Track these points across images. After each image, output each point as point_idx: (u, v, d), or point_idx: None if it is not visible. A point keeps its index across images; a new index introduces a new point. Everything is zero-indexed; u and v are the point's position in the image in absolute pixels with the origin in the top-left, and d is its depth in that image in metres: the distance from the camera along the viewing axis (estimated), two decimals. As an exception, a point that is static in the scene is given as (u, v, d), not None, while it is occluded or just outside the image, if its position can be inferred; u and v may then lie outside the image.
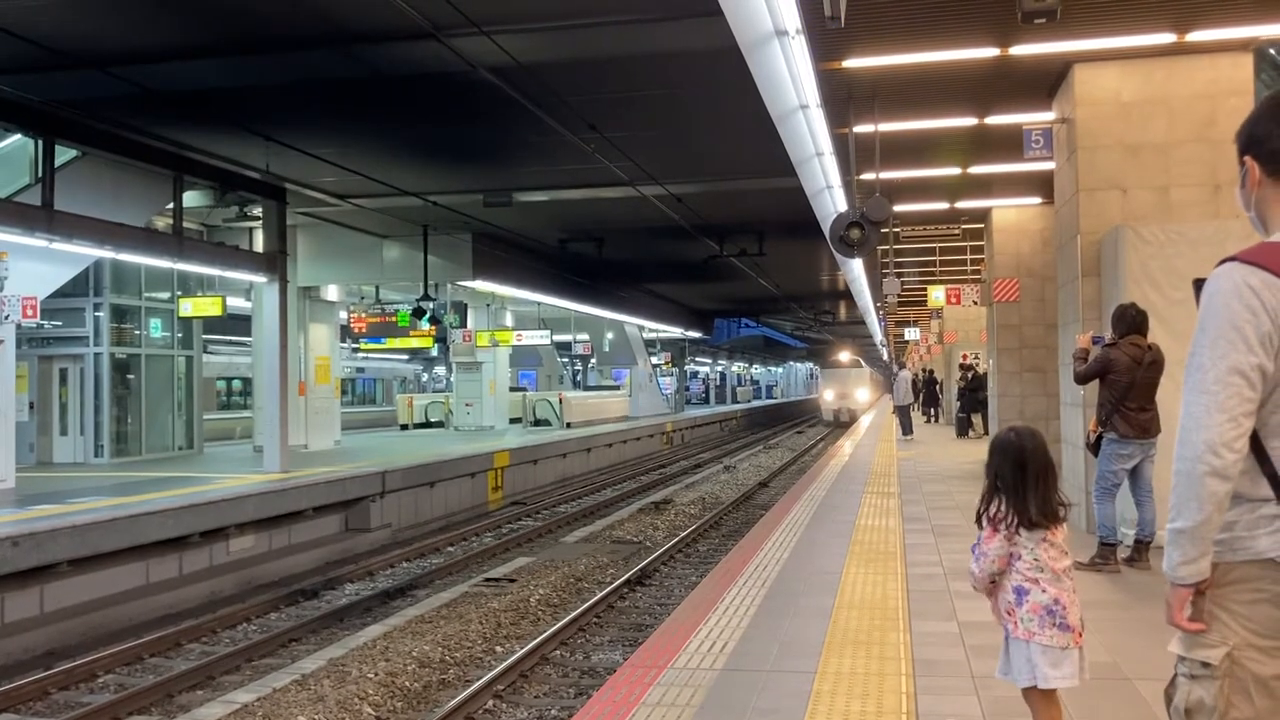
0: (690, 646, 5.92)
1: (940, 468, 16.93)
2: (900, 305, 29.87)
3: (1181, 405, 2.31)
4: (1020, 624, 3.60)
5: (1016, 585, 3.62)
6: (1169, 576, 2.34)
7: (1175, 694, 2.40)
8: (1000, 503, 3.65)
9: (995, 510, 3.65)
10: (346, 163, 16.05)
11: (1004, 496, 3.64)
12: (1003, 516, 3.62)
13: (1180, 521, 2.29)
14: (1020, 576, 3.62)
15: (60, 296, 17.14)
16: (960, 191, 15.94)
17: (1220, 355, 2.23)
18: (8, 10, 10.08)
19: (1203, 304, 2.32)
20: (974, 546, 3.70)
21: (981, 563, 3.65)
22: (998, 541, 3.62)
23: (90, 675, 9.81)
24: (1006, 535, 3.62)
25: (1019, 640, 3.61)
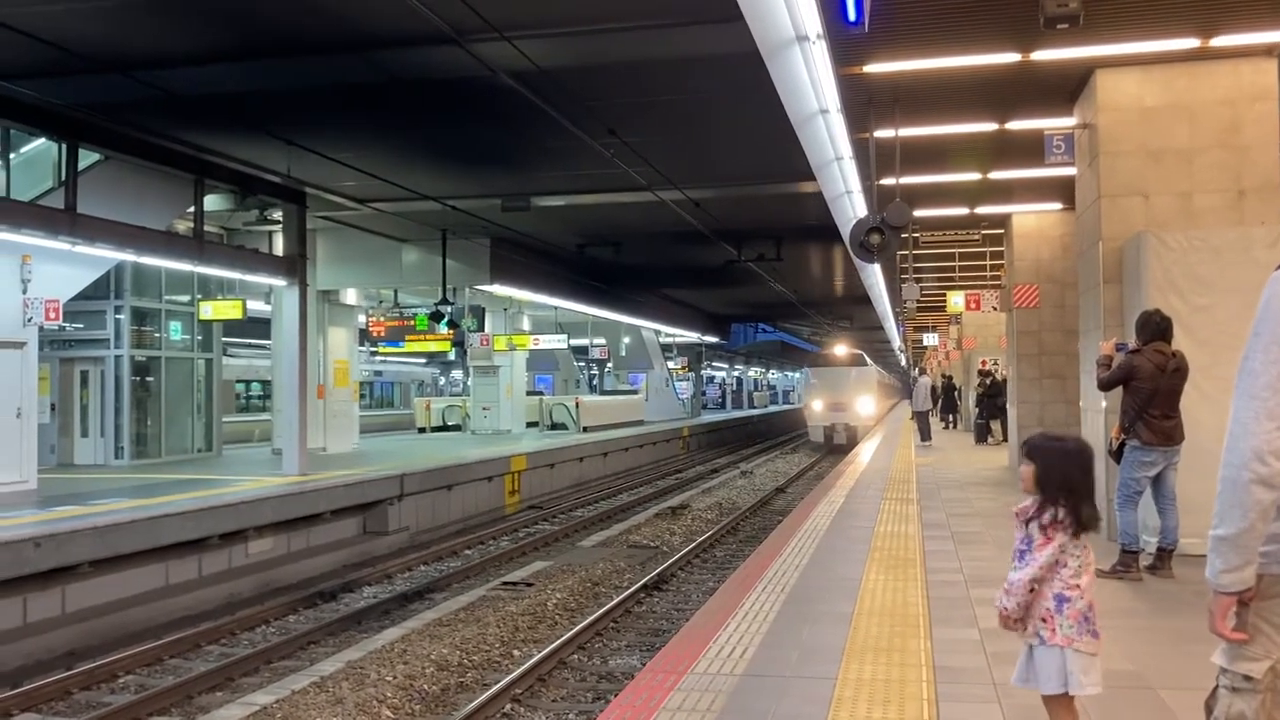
0: (710, 652, 5.90)
1: (959, 474, 16.86)
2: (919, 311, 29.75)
3: (1230, 409, 2.27)
4: (1059, 630, 3.59)
5: (1058, 593, 3.61)
6: (1211, 584, 2.31)
7: (1216, 706, 2.38)
8: (1056, 510, 3.62)
9: (1049, 517, 3.62)
10: (366, 167, 16.11)
11: (1064, 503, 3.61)
12: (1060, 523, 3.60)
13: (1223, 529, 2.26)
14: (1062, 584, 3.61)
15: (82, 299, 17.24)
16: (980, 197, 15.88)
17: (1273, 360, 2.19)
18: (33, 15, 10.16)
19: (1259, 308, 2.28)
20: (1020, 553, 3.66)
21: (1030, 569, 3.61)
22: (1051, 549, 3.61)
23: (111, 676, 9.86)
24: (1061, 542, 3.60)
25: (1053, 647, 3.59)
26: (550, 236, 23.63)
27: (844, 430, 37.14)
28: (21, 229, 13.14)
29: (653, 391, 43.82)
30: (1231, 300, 8.51)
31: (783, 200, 18.92)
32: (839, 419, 37.67)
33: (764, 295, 35.12)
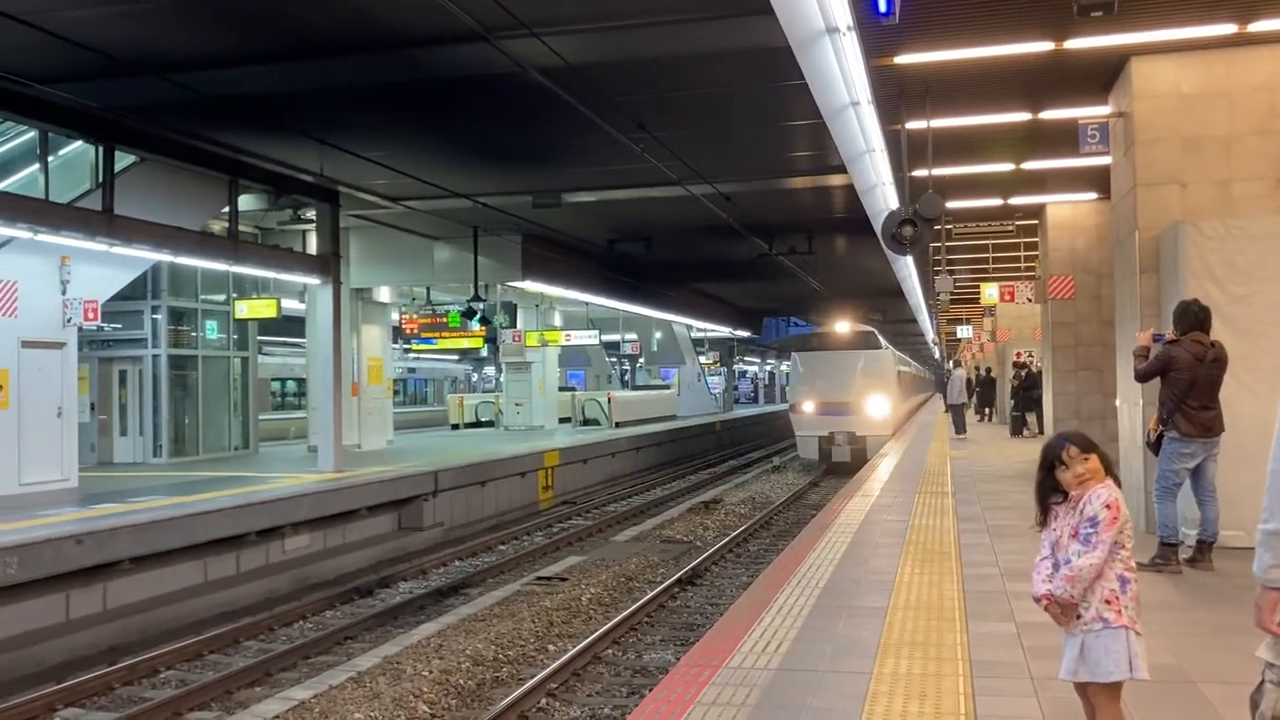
0: (744, 646, 5.90)
1: (995, 467, 16.73)
2: (952, 303, 29.55)
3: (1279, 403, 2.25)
4: (1124, 612, 3.61)
5: (1120, 574, 3.64)
6: (1260, 579, 2.29)
7: (1262, 700, 2.35)
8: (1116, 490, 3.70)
9: (1113, 498, 3.67)
10: (398, 165, 16.20)
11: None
12: (1119, 504, 3.66)
13: (1273, 523, 2.24)
14: (1123, 565, 3.65)
15: (120, 299, 17.45)
16: (1014, 187, 15.75)
17: None
18: (70, 20, 10.29)
19: None
20: (1086, 537, 3.64)
21: (1101, 551, 3.61)
22: (1114, 530, 3.62)
23: (152, 671, 9.99)
24: (1122, 524, 3.64)
25: (1118, 630, 3.59)
26: (581, 232, 23.66)
27: (847, 442, 27.02)
28: (61, 231, 13.33)
29: (684, 387, 43.79)
30: (1271, 289, 8.40)
31: (814, 193, 18.84)
32: (839, 425, 27.23)
33: (796, 289, 34.97)
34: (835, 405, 27.18)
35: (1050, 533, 3.79)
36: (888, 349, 29.08)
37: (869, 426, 26.94)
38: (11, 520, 11.57)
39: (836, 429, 27.19)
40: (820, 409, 27.49)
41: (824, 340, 29.10)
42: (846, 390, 27.20)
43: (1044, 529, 3.85)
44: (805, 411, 27.93)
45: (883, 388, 27.52)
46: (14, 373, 13.82)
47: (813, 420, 27.70)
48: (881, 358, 28.21)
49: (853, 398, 27.10)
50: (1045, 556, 3.77)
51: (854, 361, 27.73)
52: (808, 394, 27.97)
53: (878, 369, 27.81)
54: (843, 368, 27.58)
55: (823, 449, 27.45)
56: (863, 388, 27.23)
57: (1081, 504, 3.67)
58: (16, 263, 13.91)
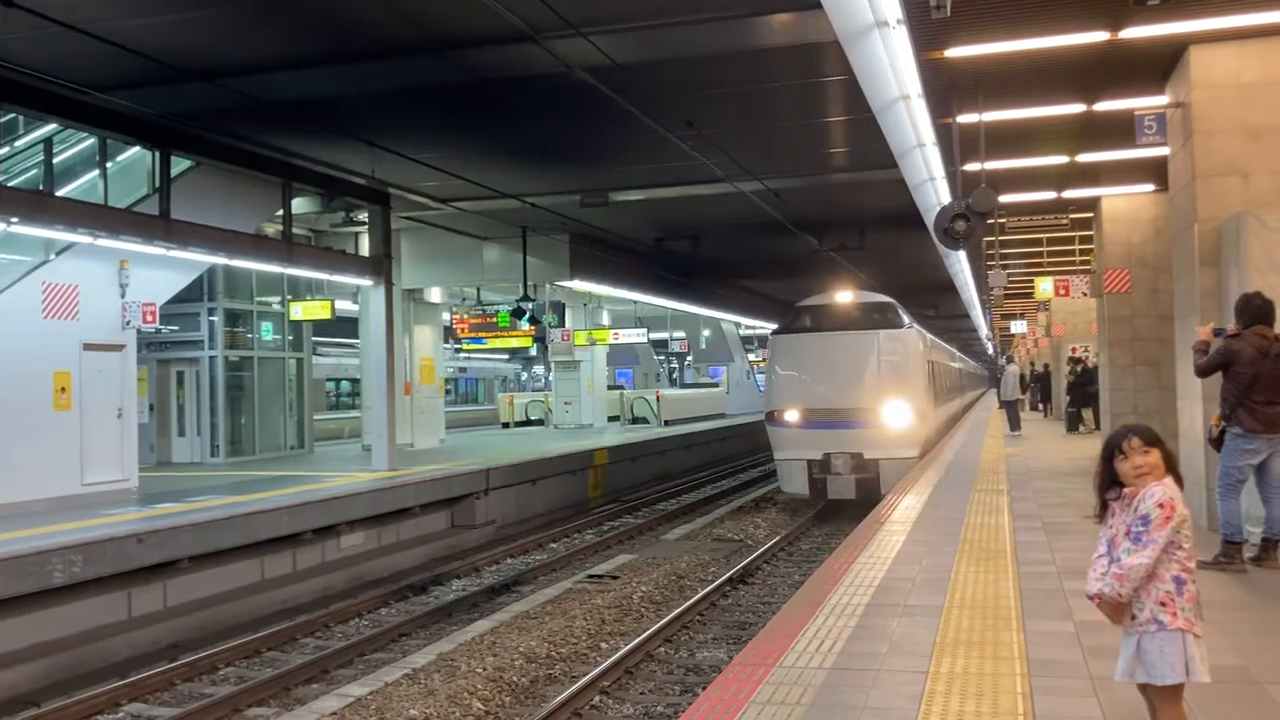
0: (798, 645, 5.87)
1: (1050, 464, 16.51)
2: (1006, 298, 29.21)
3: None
4: (1180, 614, 3.54)
5: (1176, 575, 3.57)
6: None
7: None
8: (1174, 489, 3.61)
9: (1168, 497, 3.58)
10: (447, 167, 16.32)
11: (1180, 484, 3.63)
12: (1175, 503, 3.57)
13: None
14: (1179, 566, 3.58)
15: (177, 302, 17.75)
16: (1068, 180, 15.50)
17: None
18: (127, 28, 10.49)
19: None
20: (1137, 535, 3.58)
21: (1152, 550, 3.54)
22: (1168, 530, 3.55)
23: (212, 668, 10.16)
24: (1177, 523, 3.56)
25: (1174, 632, 3.52)
26: (629, 231, 23.69)
27: (849, 468, 18.63)
28: (119, 235, 13.59)
29: (733, 384, 43.69)
30: (1337, 281, 8.20)
31: (864, 188, 18.69)
32: (839, 444, 18.71)
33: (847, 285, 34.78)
34: (832, 413, 18.60)
35: (1107, 529, 3.73)
36: (913, 328, 19.58)
37: (884, 444, 18.30)
38: (75, 520, 11.82)
39: (834, 448, 18.47)
40: (809, 419, 18.79)
41: (816, 316, 19.63)
42: (850, 390, 18.67)
43: (1102, 524, 3.78)
44: (787, 423, 18.96)
45: (906, 385, 18.72)
46: (76, 375, 14.11)
47: (798, 436, 18.84)
48: (904, 341, 19.07)
49: (860, 401, 18.54)
50: (1101, 554, 3.71)
51: (862, 347, 18.89)
52: (791, 397, 19.08)
53: (899, 358, 18.87)
54: (844, 357, 18.92)
55: (814, 479, 18.62)
56: (875, 386, 18.58)
57: (1136, 501, 3.60)
58: (77, 267, 14.20)
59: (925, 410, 19.36)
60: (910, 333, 19.39)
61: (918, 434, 18.77)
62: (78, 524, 11.45)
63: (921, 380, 19.24)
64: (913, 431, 18.62)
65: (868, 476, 18.37)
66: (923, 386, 19.29)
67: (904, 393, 18.63)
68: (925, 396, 19.45)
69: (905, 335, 19.21)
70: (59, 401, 13.85)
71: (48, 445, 13.65)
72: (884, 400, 18.47)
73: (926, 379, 19.77)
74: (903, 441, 18.45)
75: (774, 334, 20.77)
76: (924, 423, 19.20)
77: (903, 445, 18.43)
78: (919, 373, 19.18)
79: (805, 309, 19.99)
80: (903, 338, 19.15)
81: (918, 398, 18.85)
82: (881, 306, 19.70)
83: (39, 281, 13.74)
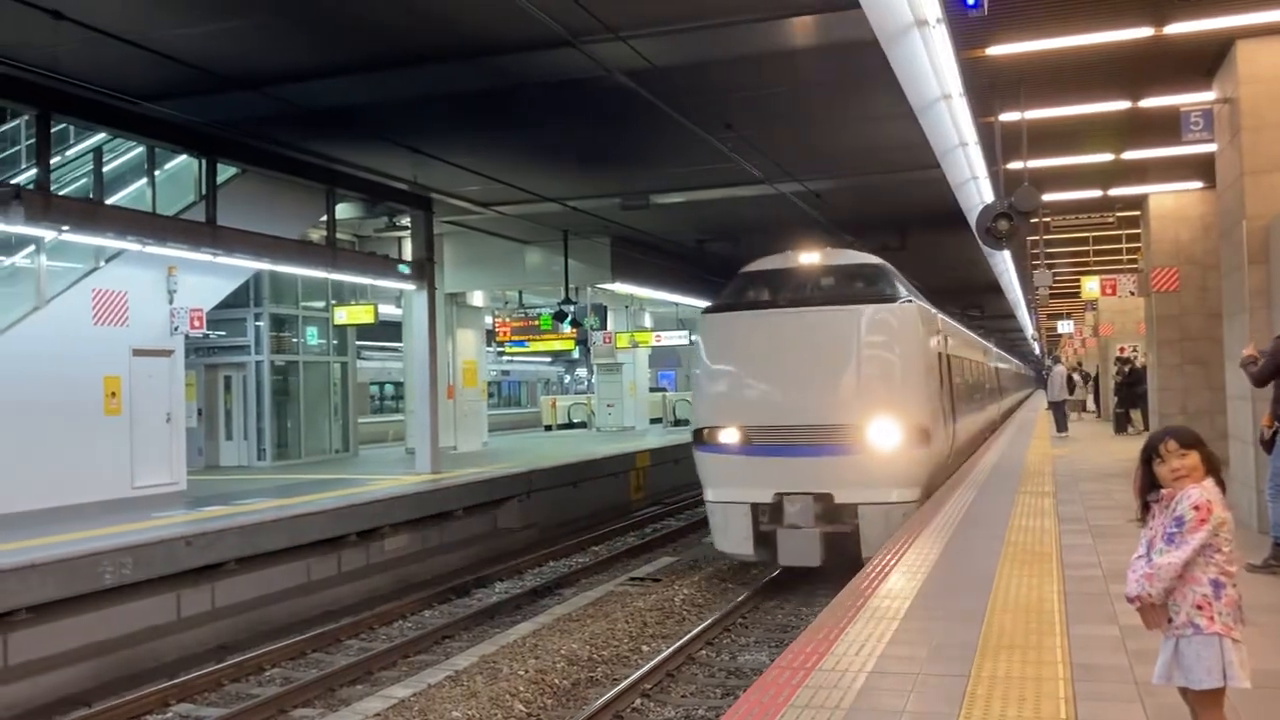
0: (838, 649, 5.84)
1: (1097, 466, 16.30)
2: (1052, 298, 28.88)
3: None
4: (1218, 618, 3.48)
5: (1214, 578, 3.51)
6: None
7: None
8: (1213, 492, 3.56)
9: (1204, 499, 3.53)
10: (489, 171, 16.42)
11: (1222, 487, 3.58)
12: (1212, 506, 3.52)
13: None
14: (1216, 569, 3.52)
15: (224, 308, 18.00)
16: (1113, 178, 15.31)
17: None
18: (173, 39, 10.66)
19: None
20: (1170, 536, 3.54)
21: (1183, 552, 3.50)
22: (1204, 532, 3.50)
23: (258, 669, 10.29)
24: (1214, 526, 3.50)
25: (1211, 637, 3.47)
26: (669, 233, 23.69)
27: (812, 516, 12.34)
28: (167, 242, 13.81)
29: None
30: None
31: (905, 188, 18.56)
32: (797, 482, 12.49)
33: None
34: (788, 434, 12.49)
35: (1148, 531, 3.69)
36: (912, 302, 13.15)
37: (867, 481, 12.22)
38: (125, 522, 12.01)
39: (791, 487, 12.42)
40: (755, 441, 12.68)
41: (766, 286, 13.70)
42: (815, 398, 12.55)
43: (1144, 527, 3.74)
44: (722, 447, 12.90)
45: (902, 390, 12.60)
46: (126, 380, 14.36)
47: (738, 468, 12.76)
48: (899, 322, 12.76)
49: (830, 415, 12.40)
50: (1140, 555, 3.66)
51: (833, 332, 12.73)
52: (728, 408, 13.01)
53: (891, 348, 12.71)
54: (807, 347, 12.72)
55: (759, 531, 12.60)
56: (854, 391, 12.46)
57: (1174, 503, 3.56)
58: (127, 274, 14.45)
59: (933, 427, 12.71)
60: (908, 309, 12.76)
61: (920, 465, 12.43)
62: (128, 526, 11.64)
63: (927, 382, 12.85)
64: (912, 461, 12.32)
65: (842, 530, 12.18)
66: (928, 392, 12.82)
67: (899, 401, 12.36)
68: (933, 406, 12.97)
69: (901, 313, 12.69)
70: (109, 406, 14.10)
71: (99, 449, 13.91)
72: (867, 413, 12.19)
73: (936, 380, 13.44)
74: (896, 477, 12.19)
75: (705, 313, 14.03)
76: (931, 448, 12.62)
77: (896, 483, 12.16)
78: (922, 370, 12.79)
79: (751, 276, 13.87)
80: (897, 317, 12.66)
81: (920, 408, 12.48)
82: (864, 271, 13.66)
83: (89, 288, 14.00)
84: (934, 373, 13.44)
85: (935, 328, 14.45)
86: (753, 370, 13.03)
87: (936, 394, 13.40)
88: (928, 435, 12.50)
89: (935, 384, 13.42)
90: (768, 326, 12.99)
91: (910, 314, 12.82)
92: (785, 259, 13.85)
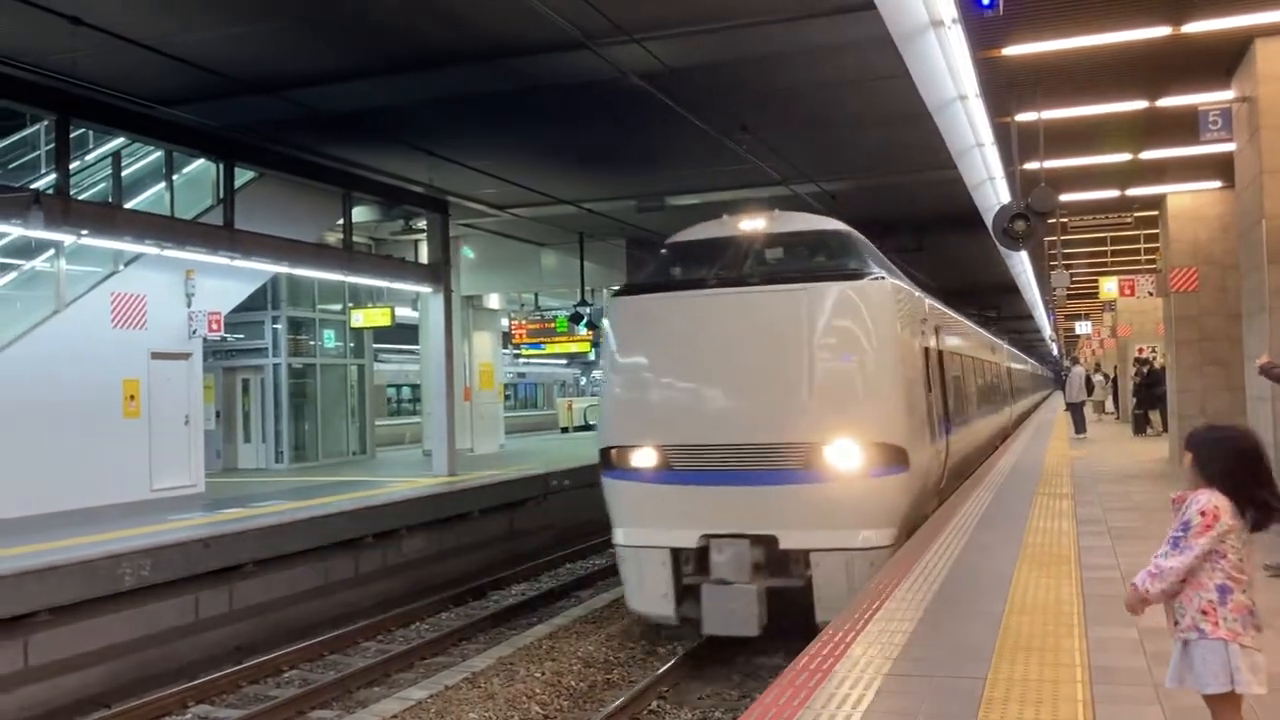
0: (854, 651, 5.83)
1: (1116, 467, 16.21)
2: (1070, 299, 28.72)
3: None
4: (1223, 624, 3.45)
5: (1220, 584, 3.48)
6: None
7: None
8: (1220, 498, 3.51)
9: (1211, 505, 3.49)
10: (505, 174, 16.45)
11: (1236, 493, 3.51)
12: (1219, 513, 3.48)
13: None
14: (1223, 575, 3.48)
15: (241, 311, 18.08)
16: (1131, 178, 15.21)
17: None
18: (191, 43, 10.73)
19: None
20: (1175, 539, 3.52)
21: (1186, 556, 3.48)
22: (1208, 538, 3.47)
23: (276, 670, 10.34)
24: (1220, 533, 3.47)
25: (1216, 642, 3.45)
26: (686, 235, 23.67)
27: (747, 571, 9.28)
28: (185, 246, 13.90)
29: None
30: None
31: (922, 189, 18.51)
32: (729, 521, 9.46)
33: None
34: (720, 455, 9.67)
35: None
36: (885, 280, 10.01)
37: (823, 519, 9.35)
38: (144, 524, 12.08)
39: (720, 526, 9.59)
40: (676, 465, 9.91)
41: (695, 261, 10.77)
42: (754, 408, 9.68)
43: None
44: (635, 473, 10.26)
45: (872, 396, 9.64)
46: (144, 383, 14.44)
47: (655, 500, 10.10)
48: (870, 303, 9.72)
49: (774, 430, 9.53)
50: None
51: (781, 319, 9.73)
52: (641, 420, 10.24)
53: (858, 339, 9.62)
54: (746, 339, 9.80)
55: (679, 585, 9.77)
56: (807, 399, 9.51)
57: (1184, 506, 3.55)
58: (145, 277, 14.53)
59: (914, 445, 9.71)
60: (881, 289, 9.77)
61: (895, 497, 9.50)
62: (146, 529, 11.71)
63: (906, 385, 9.83)
64: (885, 492, 9.41)
65: (790, 585, 9.33)
66: (908, 399, 9.79)
67: (868, 412, 9.47)
68: (915, 419, 9.99)
69: (872, 294, 9.66)
70: (128, 409, 14.18)
71: (118, 451, 13.99)
72: (825, 428, 9.30)
73: (920, 383, 10.56)
74: (863, 513, 9.30)
75: (616, 295, 11.39)
76: (911, 473, 9.58)
77: (862, 521, 9.28)
78: (899, 369, 9.72)
79: (678, 249, 11.05)
80: (867, 299, 9.62)
81: (896, 421, 9.54)
82: (825, 240, 10.77)
83: (108, 292, 14.09)
84: (917, 373, 10.44)
85: (921, 315, 11.55)
86: (675, 371, 9.89)
87: (921, 401, 10.40)
88: (906, 456, 9.38)
89: (919, 388, 10.41)
90: (695, 313, 9.93)
91: (884, 295, 9.73)
92: (722, 225, 11.00)
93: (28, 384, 12.81)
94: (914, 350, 10.53)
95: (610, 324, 10.68)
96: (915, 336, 10.75)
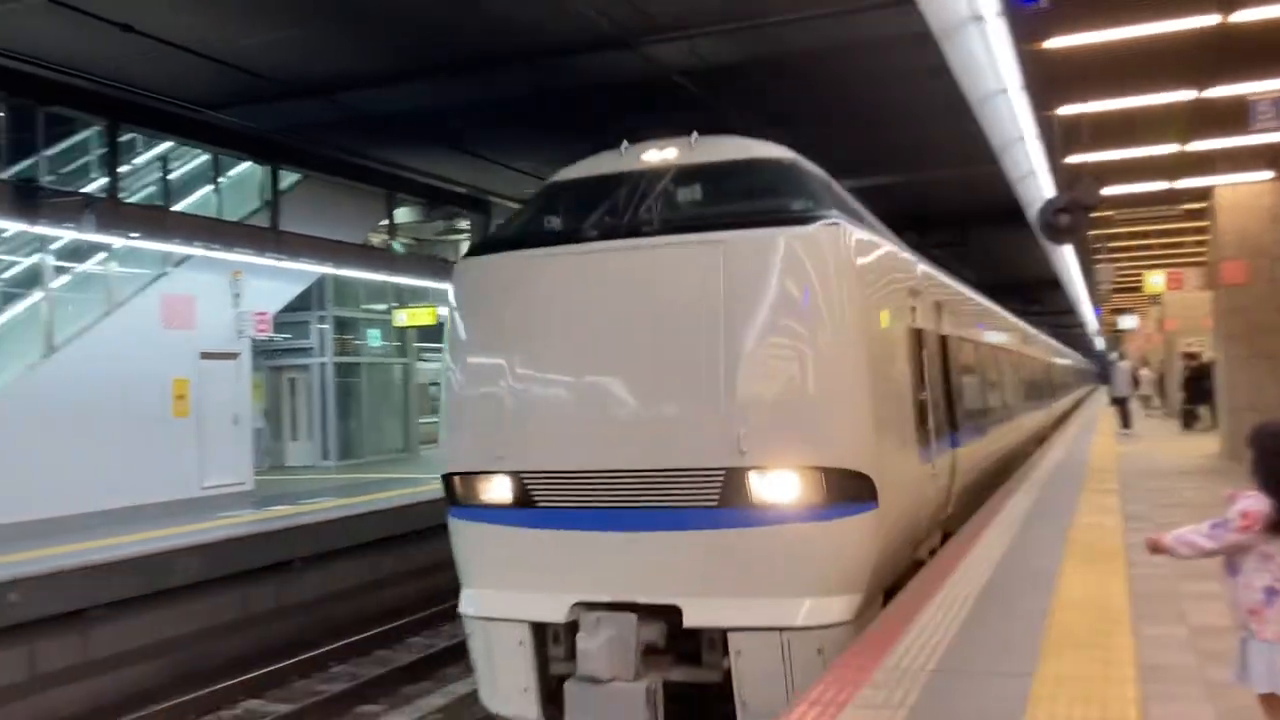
0: (900, 647, 5.81)
1: (1164, 463, 16.00)
2: (1115, 292, 28.36)
3: None
4: (1269, 625, 3.44)
5: (1267, 585, 3.46)
6: None
7: None
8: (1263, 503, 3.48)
9: (1254, 509, 3.47)
10: (544, 174, 16.50)
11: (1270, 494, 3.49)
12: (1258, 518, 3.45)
13: None
14: (1271, 576, 3.47)
15: (288, 311, 18.28)
16: (1179, 170, 15.00)
17: None
18: (236, 49, 10.90)
19: None
20: (1214, 525, 3.53)
21: (1210, 545, 3.53)
22: (1241, 538, 3.48)
23: (324, 666, 10.45)
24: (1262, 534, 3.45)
25: (1264, 643, 3.43)
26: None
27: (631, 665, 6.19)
28: (233, 247, 14.09)
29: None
30: None
31: (965, 183, 18.37)
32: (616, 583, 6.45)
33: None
34: (602, 486, 6.59)
35: None
36: (840, 224, 6.66)
37: (748, 581, 6.30)
38: (194, 522, 12.27)
39: (602, 591, 6.52)
40: (536, 498, 6.85)
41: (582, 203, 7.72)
42: (650, 417, 6.49)
43: None
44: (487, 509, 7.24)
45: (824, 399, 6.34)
46: (194, 382, 14.65)
47: (509, 551, 7.10)
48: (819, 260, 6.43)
49: (681, 449, 6.37)
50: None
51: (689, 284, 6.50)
52: (492, 436, 6.98)
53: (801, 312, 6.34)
54: (640, 316, 6.62)
55: (544, 675, 6.76)
56: (726, 403, 6.25)
57: (1236, 502, 3.54)
58: (193, 278, 14.74)
59: (886, 468, 6.74)
60: (835, 236, 6.63)
61: (859, 546, 6.56)
62: (196, 526, 11.89)
63: (873, 381, 6.69)
64: (843, 541, 6.47)
65: (700, 680, 6.53)
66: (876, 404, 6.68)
67: (813, 423, 6.39)
68: (894, 432, 7.24)
69: (820, 246, 6.54)
70: (178, 408, 14.39)
71: (168, 450, 14.19)
72: (754, 446, 6.26)
73: (903, 379, 7.67)
74: (808, 574, 6.40)
75: (465, 257, 8.24)
76: (885, 510, 6.60)
77: (807, 585, 6.40)
78: (862, 358, 6.59)
79: (559, 189, 8.54)
80: (815, 253, 6.51)
81: (860, 435, 6.53)
82: (759, 170, 7.84)
83: (158, 293, 14.31)
84: (897, 366, 7.55)
85: (909, 283, 8.48)
86: (537, 363, 6.88)
87: (903, 406, 7.53)
88: (872, 487, 6.43)
89: (900, 387, 7.55)
90: (566, 278, 6.96)
91: (841, 248, 6.64)
92: (619, 157, 8.06)
93: (80, 384, 13.03)
94: (894, 332, 7.51)
95: (454, 297, 7.44)
96: (898, 313, 7.70)
